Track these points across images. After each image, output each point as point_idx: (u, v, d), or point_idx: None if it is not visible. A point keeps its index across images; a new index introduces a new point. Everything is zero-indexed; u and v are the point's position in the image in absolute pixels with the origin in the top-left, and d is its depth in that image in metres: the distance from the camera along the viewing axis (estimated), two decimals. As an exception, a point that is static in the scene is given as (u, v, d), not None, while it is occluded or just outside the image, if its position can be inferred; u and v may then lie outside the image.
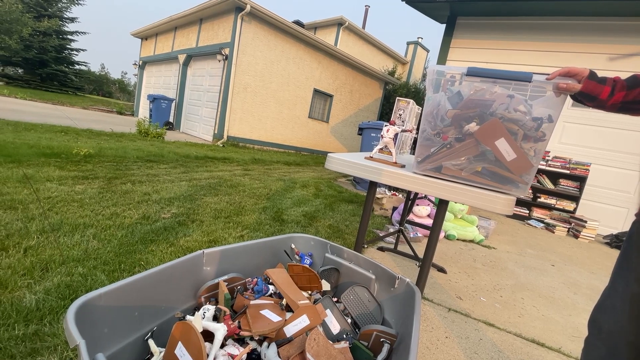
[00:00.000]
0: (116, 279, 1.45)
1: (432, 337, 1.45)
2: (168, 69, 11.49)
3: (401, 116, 1.83)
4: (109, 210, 2.24)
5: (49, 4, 17.51)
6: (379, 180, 1.24)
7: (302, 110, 9.87)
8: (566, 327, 1.76)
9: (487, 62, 5.27)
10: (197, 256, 1.04)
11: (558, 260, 3.04)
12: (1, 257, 1.45)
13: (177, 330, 0.77)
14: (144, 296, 0.85)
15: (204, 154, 5.73)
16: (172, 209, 2.50)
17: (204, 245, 1.96)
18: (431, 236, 1.28)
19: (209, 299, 1.02)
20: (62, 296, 1.27)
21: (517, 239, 3.62)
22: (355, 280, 1.24)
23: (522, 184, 1.11)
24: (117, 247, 1.73)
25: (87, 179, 2.86)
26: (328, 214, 3.15)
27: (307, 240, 1.36)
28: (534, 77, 1.02)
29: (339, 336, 1.03)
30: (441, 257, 2.53)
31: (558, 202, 4.70)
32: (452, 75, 1.18)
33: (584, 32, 4.61)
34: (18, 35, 13.87)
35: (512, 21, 5.03)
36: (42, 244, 1.63)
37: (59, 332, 1.09)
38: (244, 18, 7.56)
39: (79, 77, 19.94)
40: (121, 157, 4.04)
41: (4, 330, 1.05)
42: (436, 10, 5.40)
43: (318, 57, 9.68)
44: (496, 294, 2.04)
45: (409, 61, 15.40)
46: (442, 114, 1.16)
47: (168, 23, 10.51)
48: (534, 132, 1.07)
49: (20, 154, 3.20)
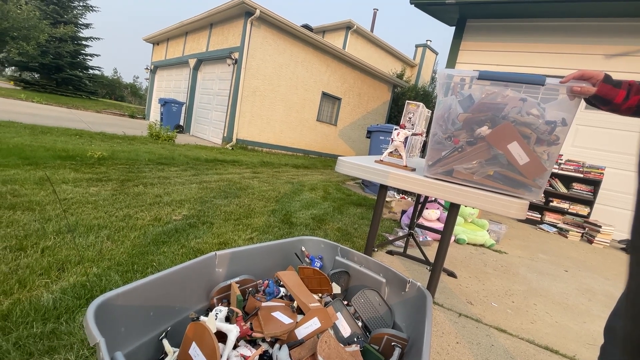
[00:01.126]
0: (129, 279, 1.48)
1: (442, 343, 1.44)
2: (179, 73, 11.70)
3: (411, 119, 1.82)
4: (122, 212, 2.28)
5: (65, 11, 18.02)
6: (391, 183, 1.24)
7: (310, 113, 9.92)
8: (581, 334, 1.72)
9: (497, 65, 5.21)
10: (210, 258, 1.05)
11: (572, 266, 2.98)
12: (20, 257, 1.49)
13: (191, 331, 0.79)
14: (158, 296, 0.87)
15: (214, 156, 5.80)
16: (182, 211, 2.53)
17: (214, 247, 1.98)
18: (442, 240, 1.27)
19: (221, 300, 1.03)
20: (78, 296, 1.30)
21: (529, 244, 3.55)
22: (365, 284, 1.24)
23: (536, 188, 1.10)
24: (130, 248, 1.77)
25: (100, 181, 2.93)
26: (337, 217, 3.15)
27: (317, 243, 1.36)
28: (547, 80, 1.01)
29: (349, 339, 1.03)
30: (451, 262, 2.50)
31: (571, 207, 4.61)
32: (462, 78, 1.17)
33: (595, 33, 4.53)
34: (35, 41, 14.30)
35: (523, 23, 4.98)
36: (59, 244, 1.67)
37: (75, 331, 1.11)
38: (253, 23, 7.66)
39: (92, 81, 20.41)
40: (133, 159, 4.12)
41: (23, 328, 1.08)
42: (446, 13, 5.38)
43: (326, 60, 9.72)
44: (508, 300, 2.00)
45: (417, 64, 15.34)
46: (453, 117, 1.16)
47: (179, 28, 10.71)
48: (548, 135, 1.06)
49: (37, 157, 3.29)
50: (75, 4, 18.71)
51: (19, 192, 2.28)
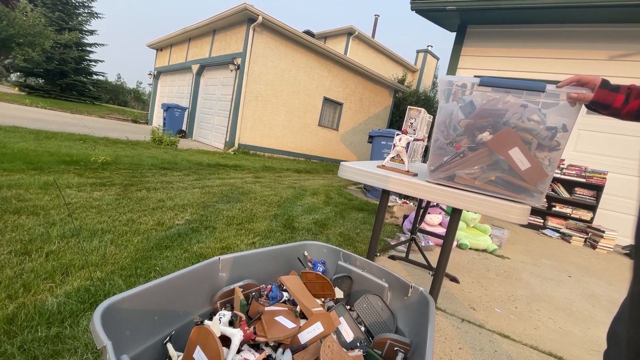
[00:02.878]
0: (133, 284, 1.49)
1: (445, 348, 1.43)
2: (182, 79, 11.80)
3: (412, 125, 1.84)
4: (126, 216, 2.30)
5: (70, 17, 18.28)
6: (393, 188, 1.25)
7: (312, 118, 9.96)
8: (584, 341, 1.71)
9: (498, 70, 5.24)
10: (213, 262, 1.06)
11: (575, 271, 2.96)
12: (25, 261, 1.51)
13: (195, 335, 0.79)
14: (163, 301, 0.88)
15: (216, 161, 5.83)
16: (185, 216, 2.55)
17: (216, 252, 1.99)
18: (445, 245, 1.28)
19: (224, 305, 1.04)
20: (82, 300, 1.30)
21: (532, 249, 3.54)
22: (368, 289, 1.24)
23: (537, 193, 1.10)
24: (133, 253, 1.78)
25: (104, 186, 2.95)
26: (339, 222, 3.15)
27: (320, 247, 1.37)
28: (548, 87, 1.02)
29: (352, 344, 1.03)
30: (453, 267, 2.50)
31: (574, 212, 4.59)
32: (463, 84, 1.19)
33: (594, 39, 4.55)
34: (40, 47, 14.48)
35: (523, 29, 5.01)
36: (63, 248, 1.68)
37: (79, 335, 1.12)
38: (255, 29, 7.74)
39: (96, 87, 20.62)
40: (136, 164, 4.15)
41: (28, 332, 1.09)
42: (446, 19, 5.42)
43: (328, 65, 9.79)
44: (511, 305, 2.00)
45: (418, 69, 15.42)
46: (455, 123, 1.17)
47: (182, 34, 10.84)
48: (549, 141, 1.07)
49: (42, 162, 3.32)
50: (80, 10, 18.99)
51: (24, 197, 2.30)
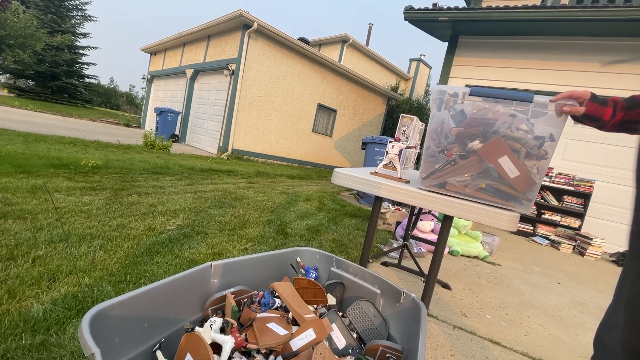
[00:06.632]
0: (122, 290, 1.46)
1: (437, 355, 1.43)
2: (175, 83, 11.76)
3: (405, 132, 1.86)
4: (116, 221, 2.26)
5: (63, 20, 18.11)
6: (385, 195, 1.26)
7: (306, 124, 10.00)
8: (574, 347, 1.73)
9: (489, 80, 5.35)
10: (205, 268, 1.05)
11: (564, 278, 3.00)
12: (10, 267, 1.47)
13: (185, 342, 0.78)
14: (153, 307, 0.87)
15: (209, 166, 5.79)
16: (177, 221, 2.52)
17: (208, 258, 1.97)
18: (436, 252, 1.29)
19: (216, 311, 1.03)
20: (69, 307, 1.27)
21: (522, 256, 3.58)
22: (360, 295, 1.24)
23: (526, 201, 1.12)
24: (123, 258, 1.75)
25: (94, 190, 2.90)
26: (332, 228, 3.15)
27: (313, 254, 1.37)
28: (535, 97, 1.05)
29: (344, 351, 1.03)
30: (445, 273, 2.51)
31: (563, 219, 4.67)
32: (455, 94, 1.21)
33: (581, 51, 4.70)
34: (32, 49, 14.31)
35: (513, 40, 5.14)
36: (50, 254, 1.65)
37: (65, 343, 1.09)
38: (251, 35, 7.79)
39: (88, 90, 20.37)
40: (128, 168, 4.10)
41: (12, 340, 1.06)
42: (439, 30, 5.54)
43: (322, 72, 9.88)
44: (502, 312, 2.01)
45: (411, 77, 15.66)
46: (446, 131, 1.19)
47: (177, 39, 10.83)
48: (536, 150, 1.09)
49: (30, 165, 3.26)
50: (73, 13, 18.83)
51: (11, 201, 2.25)
